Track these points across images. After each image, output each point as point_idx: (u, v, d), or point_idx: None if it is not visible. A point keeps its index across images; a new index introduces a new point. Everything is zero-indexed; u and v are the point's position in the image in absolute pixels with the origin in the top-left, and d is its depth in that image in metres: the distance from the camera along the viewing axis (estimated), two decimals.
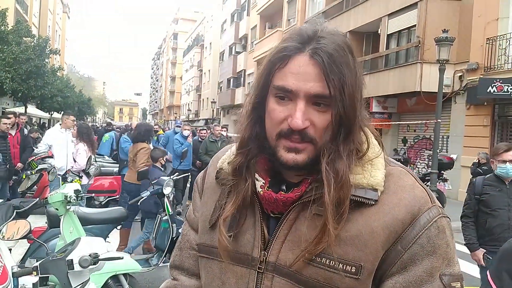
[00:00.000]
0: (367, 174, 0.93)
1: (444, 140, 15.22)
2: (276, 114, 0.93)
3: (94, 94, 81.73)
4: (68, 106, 37.76)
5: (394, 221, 0.90)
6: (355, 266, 0.89)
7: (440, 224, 0.92)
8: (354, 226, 0.90)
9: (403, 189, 0.93)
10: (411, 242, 0.89)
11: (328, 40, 0.91)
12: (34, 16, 38.10)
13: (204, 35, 53.61)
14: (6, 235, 2.71)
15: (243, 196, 0.99)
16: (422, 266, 0.89)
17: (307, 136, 0.90)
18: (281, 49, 0.93)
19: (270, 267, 0.95)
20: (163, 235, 4.77)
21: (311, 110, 0.90)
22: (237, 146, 1.02)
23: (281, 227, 0.96)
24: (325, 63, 0.88)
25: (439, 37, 10.26)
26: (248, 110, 1.01)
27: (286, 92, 0.91)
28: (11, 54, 17.62)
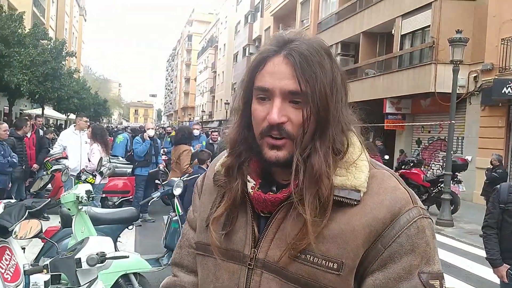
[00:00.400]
0: (351, 176, 0.97)
1: (458, 141, 15.06)
2: (257, 113, 0.99)
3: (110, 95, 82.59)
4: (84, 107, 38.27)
5: (375, 221, 0.93)
6: (337, 262, 0.93)
7: (420, 224, 0.95)
8: (337, 225, 0.95)
9: (385, 191, 0.97)
10: (390, 241, 0.93)
11: (302, 42, 0.97)
12: (51, 19, 38.70)
13: (218, 37, 53.84)
14: (19, 234, 2.79)
15: (234, 196, 1.04)
16: (401, 263, 0.92)
17: (284, 131, 0.95)
18: (261, 52, 1.01)
19: (260, 264, 1.00)
20: (173, 235, 4.84)
21: (288, 107, 0.95)
22: (228, 148, 1.08)
23: (270, 226, 1.01)
24: (297, 62, 0.94)
25: (453, 37, 10.16)
26: (238, 113, 1.07)
27: (264, 91, 0.97)
28: (28, 56, 17.91)
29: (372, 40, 19.68)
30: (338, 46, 21.81)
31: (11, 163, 6.82)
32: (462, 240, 8.81)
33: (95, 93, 47.07)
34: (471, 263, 7.13)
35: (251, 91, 1.02)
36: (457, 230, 9.74)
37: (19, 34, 17.26)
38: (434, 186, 11.42)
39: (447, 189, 10.17)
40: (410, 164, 12.92)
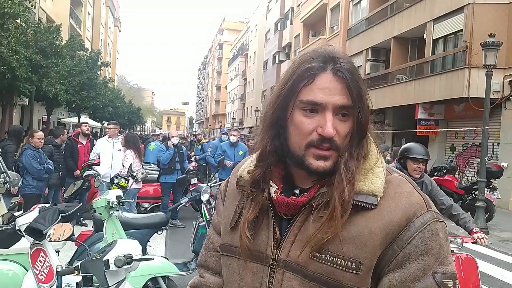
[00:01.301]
0: (368, 181, 1.05)
1: (494, 147, 14.65)
2: (305, 126, 1.05)
3: (143, 104, 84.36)
4: (119, 115, 39.23)
5: (391, 224, 1.00)
6: (355, 262, 0.99)
7: (433, 227, 1.01)
8: (355, 227, 1.01)
9: (400, 196, 1.04)
10: (406, 243, 0.99)
11: (345, 60, 1.06)
12: (87, 31, 39.94)
13: (248, 45, 54.21)
14: (53, 237, 2.92)
15: (261, 204, 1.12)
16: (416, 264, 0.98)
17: (334, 143, 1.03)
18: (307, 69, 1.05)
19: (282, 264, 1.07)
20: (201, 240, 4.92)
21: (336, 120, 1.04)
22: (258, 158, 1.14)
23: (292, 228, 1.08)
24: (347, 78, 1.03)
25: (486, 41, 9.94)
26: (266, 125, 1.13)
27: (314, 105, 1.03)
28: (65, 67, 18.55)
29: (403, 45, 19.42)
30: (369, 51, 21.62)
31: (47, 169, 7.09)
32: (497, 249, 8.56)
33: (129, 101, 48.21)
34: (505, 272, 6.93)
35: (288, 103, 1.07)
36: (492, 238, 9.45)
37: (56, 45, 17.91)
38: (468, 194, 11.15)
39: (482, 196, 9.91)
40: (443, 171, 12.66)
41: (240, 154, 9.37)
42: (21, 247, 3.51)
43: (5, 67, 13.35)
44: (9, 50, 13.13)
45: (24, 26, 14.78)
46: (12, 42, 13.30)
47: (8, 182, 5.27)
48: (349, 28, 23.96)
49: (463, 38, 14.71)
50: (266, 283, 1.08)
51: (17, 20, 14.36)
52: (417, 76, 17.20)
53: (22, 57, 13.98)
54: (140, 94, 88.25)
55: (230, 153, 9.38)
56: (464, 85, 14.09)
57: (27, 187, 6.97)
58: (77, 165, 8.57)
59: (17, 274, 3.67)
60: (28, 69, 15.01)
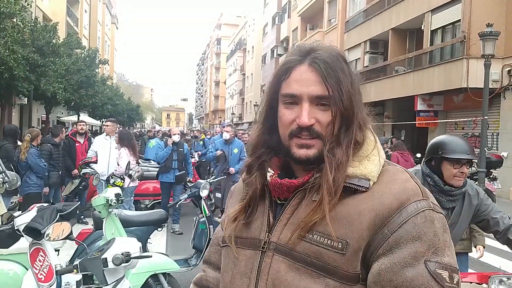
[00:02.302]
0: (362, 166, 1.05)
1: (493, 137, 14.64)
2: (285, 117, 1.08)
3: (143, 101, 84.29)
4: (118, 113, 39.21)
5: (381, 206, 0.98)
6: (341, 242, 0.98)
7: (428, 215, 0.97)
8: (344, 208, 1.01)
9: (395, 182, 1.03)
10: (397, 227, 0.96)
11: (323, 51, 1.08)
12: (84, 28, 39.84)
13: (247, 39, 54.10)
14: (51, 236, 2.92)
15: (253, 188, 1.15)
16: (407, 249, 0.94)
17: (314, 132, 1.05)
18: (285, 62, 1.11)
19: (272, 247, 1.07)
20: (201, 236, 4.93)
21: (315, 110, 1.05)
22: (251, 150, 1.20)
23: (285, 211, 1.09)
24: (322, 69, 1.04)
25: (483, 31, 9.93)
26: (261, 119, 1.19)
27: (292, 97, 1.07)
28: (63, 65, 18.52)
29: (401, 37, 19.37)
30: (367, 44, 21.57)
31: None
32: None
33: (128, 99, 48.15)
34: (506, 262, 6.93)
35: (276, 98, 1.12)
36: None
37: (53, 44, 17.88)
38: None
39: (482, 186, 9.91)
40: None
41: (236, 152, 8.69)
42: (21, 247, 3.52)
43: (3, 67, 13.33)
44: (6, 49, 13.10)
45: (21, 25, 14.73)
46: (9, 42, 13.27)
47: (7, 182, 5.27)
48: (347, 21, 23.88)
49: (461, 28, 14.66)
50: (256, 268, 1.09)
51: (13, 19, 14.31)
52: (415, 68, 17.17)
53: (20, 56, 13.95)
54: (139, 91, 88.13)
55: (224, 151, 8.71)
56: (462, 75, 14.06)
57: (32, 186, 7.09)
58: (75, 164, 8.55)
59: (18, 274, 3.68)
60: (26, 68, 14.99)
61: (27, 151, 6.99)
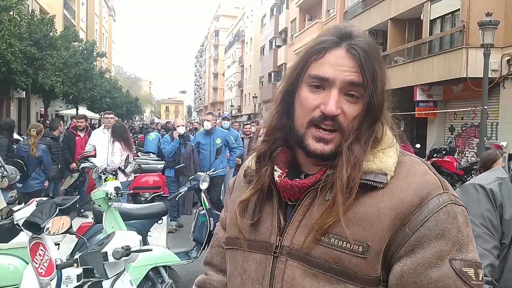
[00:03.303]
0: (378, 160, 0.98)
1: (493, 127, 14.62)
2: (309, 101, 0.99)
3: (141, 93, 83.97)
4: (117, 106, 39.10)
5: (401, 203, 0.92)
6: (362, 245, 0.92)
7: (450, 210, 0.92)
8: (362, 207, 0.94)
9: (413, 175, 0.96)
10: (418, 225, 0.90)
11: (362, 38, 1.00)
12: (82, 21, 39.62)
13: (245, 31, 53.86)
14: (51, 230, 2.91)
15: (262, 181, 1.06)
16: (430, 249, 0.89)
17: (338, 123, 0.97)
18: (319, 42, 1.01)
19: (285, 251, 1.00)
20: (201, 229, 4.93)
21: (343, 100, 0.97)
22: (264, 134, 1.10)
23: (296, 212, 1.01)
24: (360, 56, 0.96)
25: (483, 20, 9.88)
26: (278, 99, 1.08)
27: (321, 80, 0.98)
28: (61, 59, 18.42)
29: (400, 27, 19.27)
30: None
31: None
32: None
33: (126, 91, 47.97)
34: None
35: (300, 78, 1.02)
36: None
37: (50, 37, 17.75)
38: (468, 174, 11.17)
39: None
40: (442, 152, 12.66)
41: (218, 142, 7.62)
42: (21, 241, 3.51)
43: (0, 61, 13.25)
44: (3, 43, 13.03)
45: (18, 19, 14.61)
46: (6, 35, 13.18)
47: (6, 176, 5.26)
48: (346, 11, 23.76)
49: (460, 17, 14.59)
50: (268, 274, 1.01)
51: (10, 12, 14.21)
52: (415, 58, 17.11)
53: (17, 49, 13.87)
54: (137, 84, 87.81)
55: (204, 143, 7.68)
56: (462, 65, 14.01)
57: (42, 182, 7.18)
58: (74, 157, 8.52)
59: (18, 268, 3.67)
60: (23, 62, 14.90)
61: (36, 147, 6.95)
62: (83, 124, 9.04)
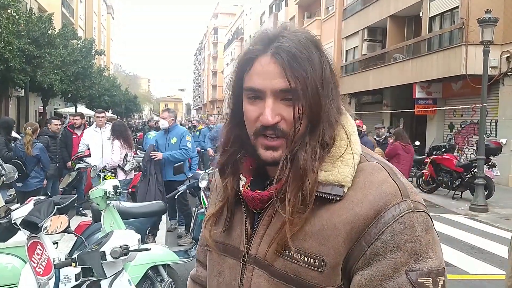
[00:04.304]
0: (335, 170, 0.95)
1: (492, 124, 14.62)
2: (250, 114, 0.98)
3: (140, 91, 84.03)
4: (115, 104, 39.08)
5: (356, 217, 0.90)
6: (318, 259, 0.92)
7: (407, 219, 0.89)
8: (319, 221, 0.93)
9: (370, 185, 0.93)
10: (374, 238, 0.89)
11: (288, 38, 0.95)
12: (80, 19, 39.54)
13: (244, 28, 53.81)
14: (49, 229, 2.89)
15: (227, 194, 1.07)
16: (385, 261, 0.88)
17: (279, 130, 0.95)
18: (247, 52, 1.00)
19: (251, 260, 1.02)
20: (200, 227, 4.90)
21: (280, 105, 0.95)
22: (220, 147, 1.09)
23: (261, 222, 1.02)
24: (284, 60, 0.93)
25: (482, 17, 9.82)
26: (228, 113, 1.08)
27: (255, 91, 0.97)
28: (59, 57, 18.40)
29: (399, 24, 19.26)
30: (365, 31, 21.45)
31: None
32: (497, 226, 8.59)
33: (125, 89, 47.94)
34: (506, 249, 6.94)
35: (240, 91, 1.01)
36: (491, 215, 9.50)
37: (49, 35, 17.73)
38: (467, 171, 11.15)
39: (481, 173, 9.90)
40: (442, 149, 12.65)
41: (174, 142, 6.82)
42: (19, 240, 3.49)
43: None
44: (1, 41, 12.99)
45: (16, 16, 14.58)
46: (4, 33, 13.15)
47: (3, 175, 5.23)
48: (345, 8, 23.72)
49: (459, 15, 14.57)
50: (238, 280, 1.04)
51: (8, 10, 14.17)
52: (414, 55, 17.09)
53: (15, 47, 13.84)
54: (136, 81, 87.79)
55: (161, 143, 6.93)
56: (461, 62, 14.00)
57: (42, 181, 7.14)
58: (71, 156, 8.47)
59: (16, 267, 3.66)
60: (22, 60, 14.87)
61: (31, 145, 6.90)
62: (79, 122, 8.92)
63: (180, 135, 6.87)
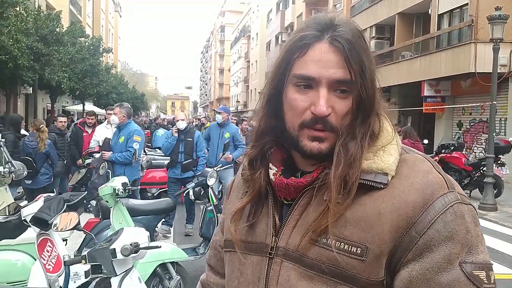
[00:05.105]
0: (378, 159, 0.93)
1: (501, 122, 14.50)
2: (298, 103, 0.94)
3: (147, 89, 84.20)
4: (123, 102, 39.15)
5: (403, 204, 0.87)
6: (360, 247, 0.88)
7: (457, 210, 0.87)
8: (362, 208, 0.90)
9: (416, 174, 0.91)
10: (426, 227, 0.85)
11: (345, 27, 0.93)
12: (88, 17, 39.66)
13: (251, 26, 53.73)
14: (59, 226, 2.90)
15: (257, 187, 1.02)
16: (439, 252, 0.84)
17: (328, 124, 0.92)
18: (300, 38, 0.94)
19: (280, 252, 0.97)
20: (209, 225, 4.91)
21: (333, 97, 0.92)
22: (253, 139, 1.05)
23: (293, 212, 0.97)
24: (345, 49, 0.90)
25: (492, 15, 9.73)
26: (263, 102, 1.03)
27: (307, 80, 0.92)
28: (67, 54, 18.45)
29: (408, 21, 19.14)
30: (373, 29, 21.35)
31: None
32: (506, 225, 8.51)
33: (132, 87, 48.09)
34: None
35: (284, 78, 0.96)
36: (501, 214, 9.42)
37: (57, 32, 17.76)
38: (476, 170, 11.06)
39: (490, 172, 9.81)
40: (450, 147, 12.56)
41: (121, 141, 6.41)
42: (29, 237, 3.51)
43: (7, 56, 13.27)
44: (10, 38, 13.02)
45: (24, 14, 14.62)
46: (12, 31, 13.18)
47: (13, 172, 5.26)
48: (353, 6, 23.62)
49: (468, 12, 14.46)
50: (264, 276, 0.98)
51: (16, 8, 14.22)
52: (422, 53, 16.98)
53: (24, 45, 13.88)
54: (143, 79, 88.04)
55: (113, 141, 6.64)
56: (470, 60, 13.89)
57: (51, 177, 7.19)
58: (81, 153, 8.54)
59: (26, 264, 3.67)
60: (30, 58, 14.93)
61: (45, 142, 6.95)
62: (93, 121, 9.09)
63: (128, 134, 6.36)
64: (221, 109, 8.20)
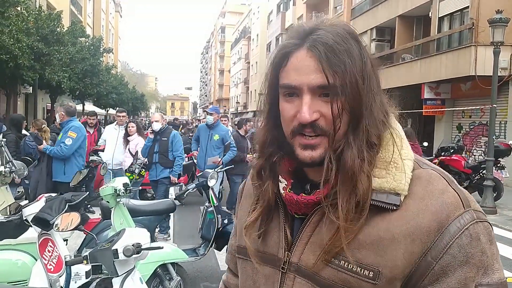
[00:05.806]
0: (390, 177, 0.90)
1: (501, 126, 14.51)
2: (286, 112, 0.94)
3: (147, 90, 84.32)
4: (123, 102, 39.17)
5: (418, 229, 0.86)
6: (373, 271, 0.87)
7: (472, 231, 0.86)
8: (375, 231, 0.89)
9: (431, 195, 0.89)
10: (441, 252, 0.85)
11: (325, 30, 0.91)
12: (88, 17, 39.68)
13: (251, 27, 53.77)
14: (60, 226, 2.90)
15: (267, 199, 1.02)
16: (455, 277, 0.84)
17: (318, 127, 0.90)
18: (282, 47, 0.95)
19: (293, 268, 0.97)
20: (209, 226, 4.91)
21: (319, 102, 0.90)
22: (257, 150, 1.05)
23: (305, 229, 0.97)
24: (322, 53, 0.88)
25: (493, 18, 9.75)
26: (264, 113, 1.03)
27: (291, 89, 0.92)
28: (68, 54, 18.48)
29: (408, 24, 19.15)
30: (373, 31, 21.35)
31: None
32: (506, 228, 8.52)
33: (132, 88, 48.12)
34: None
35: (276, 89, 0.96)
36: (500, 217, 9.43)
37: (58, 32, 17.79)
38: (476, 173, 11.06)
39: (490, 175, 9.82)
40: (450, 150, 12.56)
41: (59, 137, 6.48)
42: (30, 237, 3.51)
43: (8, 56, 13.29)
44: (10, 38, 13.05)
45: (25, 14, 14.65)
46: (13, 30, 13.21)
47: (14, 172, 5.26)
48: (353, 8, 23.63)
49: (469, 15, 14.46)
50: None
51: (17, 7, 14.24)
52: (422, 55, 17.00)
53: (24, 45, 13.90)
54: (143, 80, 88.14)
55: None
56: (471, 63, 13.90)
57: None
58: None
59: (26, 264, 3.67)
60: (31, 57, 14.95)
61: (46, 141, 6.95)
62: (95, 121, 9.13)
63: (64, 130, 6.42)
64: (212, 109, 8.17)
